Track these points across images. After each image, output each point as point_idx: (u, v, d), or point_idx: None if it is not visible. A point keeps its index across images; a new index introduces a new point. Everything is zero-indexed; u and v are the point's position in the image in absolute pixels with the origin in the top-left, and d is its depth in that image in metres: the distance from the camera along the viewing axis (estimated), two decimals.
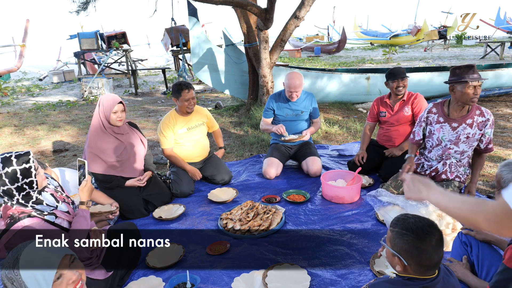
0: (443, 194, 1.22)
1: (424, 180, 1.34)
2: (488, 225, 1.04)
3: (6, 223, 1.80)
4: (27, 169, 1.83)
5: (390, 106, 3.53)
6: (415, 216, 1.40)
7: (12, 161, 1.80)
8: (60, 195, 2.09)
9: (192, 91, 3.39)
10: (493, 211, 1.01)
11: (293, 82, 3.50)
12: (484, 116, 2.69)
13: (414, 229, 1.35)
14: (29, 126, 6.63)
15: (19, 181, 1.81)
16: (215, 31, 47.07)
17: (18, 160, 1.81)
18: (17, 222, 1.79)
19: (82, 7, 6.83)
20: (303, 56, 18.97)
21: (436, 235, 1.35)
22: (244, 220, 2.77)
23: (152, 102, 8.70)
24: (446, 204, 1.18)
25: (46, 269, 1.31)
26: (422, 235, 1.33)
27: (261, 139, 5.00)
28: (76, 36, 11.05)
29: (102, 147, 2.93)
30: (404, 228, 1.36)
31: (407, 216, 1.41)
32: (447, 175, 2.81)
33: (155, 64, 16.78)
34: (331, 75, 6.72)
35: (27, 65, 20.21)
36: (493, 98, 6.88)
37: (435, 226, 1.37)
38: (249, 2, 5.19)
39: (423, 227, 1.35)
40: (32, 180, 1.85)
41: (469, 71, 2.58)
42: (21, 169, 1.81)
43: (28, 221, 1.81)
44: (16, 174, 1.80)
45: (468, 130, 2.69)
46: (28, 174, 1.83)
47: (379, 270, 2.17)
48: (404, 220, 1.40)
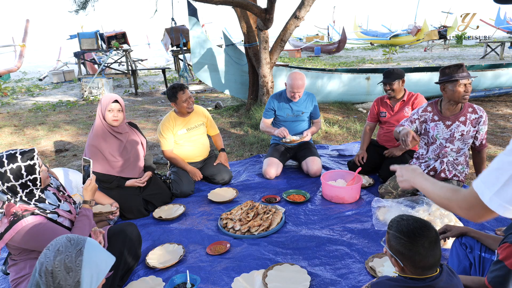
0: (426, 180, 1.36)
1: (411, 166, 1.48)
2: (461, 211, 1.15)
3: (9, 220, 1.79)
4: (32, 166, 1.83)
5: (390, 106, 3.53)
6: (410, 218, 1.39)
7: (17, 158, 1.81)
8: (62, 194, 2.10)
9: (187, 91, 3.40)
10: (465, 199, 1.13)
11: (295, 82, 3.50)
12: (477, 113, 2.74)
13: (405, 232, 1.35)
14: (29, 126, 6.63)
15: (24, 178, 1.82)
16: (215, 31, 47.11)
17: (23, 156, 1.82)
18: (20, 219, 1.79)
19: (81, 6, 6.83)
20: (303, 56, 18.97)
21: (429, 236, 1.33)
22: (244, 220, 2.77)
23: (152, 102, 8.69)
24: (428, 189, 1.32)
25: (101, 269, 1.26)
26: (413, 237, 1.33)
27: (261, 139, 5.00)
28: (76, 36, 11.04)
29: (102, 147, 2.94)
30: (397, 231, 1.37)
31: (402, 218, 1.41)
32: (446, 173, 2.82)
33: (155, 64, 16.78)
34: (331, 75, 6.72)
35: (27, 65, 20.22)
36: (493, 98, 6.88)
37: (428, 228, 1.35)
38: (249, 2, 5.19)
39: (415, 229, 1.34)
40: (36, 177, 1.85)
41: (458, 70, 2.63)
42: (26, 166, 1.82)
43: (31, 218, 1.81)
44: (20, 171, 1.80)
45: (462, 128, 2.74)
46: (33, 171, 1.84)
47: (371, 266, 2.18)
48: (398, 222, 1.40)
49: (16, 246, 1.82)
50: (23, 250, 1.88)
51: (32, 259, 1.92)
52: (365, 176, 3.54)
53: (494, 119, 5.59)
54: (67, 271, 1.18)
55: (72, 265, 1.19)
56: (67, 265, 1.18)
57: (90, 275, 1.21)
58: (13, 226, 1.77)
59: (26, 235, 1.78)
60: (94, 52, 12.83)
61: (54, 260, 1.18)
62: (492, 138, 4.69)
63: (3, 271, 2.41)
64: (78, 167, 4.33)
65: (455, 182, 2.82)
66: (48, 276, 1.15)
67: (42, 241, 1.80)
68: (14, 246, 1.83)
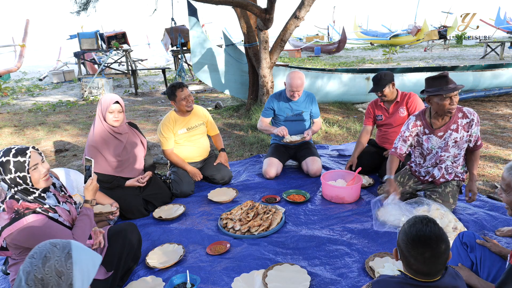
0: None
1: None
2: None
3: (10, 217, 1.80)
4: (21, 163, 1.82)
5: (385, 109, 3.53)
6: (430, 224, 1.33)
7: (10, 153, 1.82)
8: (63, 194, 2.10)
9: (186, 89, 3.40)
10: None
11: (295, 82, 3.50)
12: (467, 118, 2.64)
13: (414, 234, 1.32)
14: (29, 126, 6.63)
15: (12, 173, 1.81)
16: (215, 31, 47.03)
17: (16, 152, 1.83)
18: (21, 218, 1.79)
19: (83, 7, 6.83)
20: (303, 56, 18.97)
21: (434, 249, 1.29)
22: (244, 220, 2.77)
23: (152, 102, 8.69)
24: None
25: (90, 268, 1.26)
26: (417, 243, 1.31)
27: (261, 139, 5.00)
28: (76, 36, 11.04)
29: (102, 147, 2.93)
30: (408, 229, 1.35)
31: (423, 219, 1.36)
32: (445, 177, 2.81)
33: (155, 64, 16.77)
34: (331, 75, 6.72)
35: (27, 65, 20.21)
36: (493, 98, 6.88)
37: (439, 241, 1.29)
38: (249, 2, 5.19)
39: (425, 237, 1.30)
40: (25, 176, 1.83)
41: (443, 81, 2.50)
42: (15, 161, 1.81)
43: (32, 217, 1.81)
44: (9, 165, 1.80)
45: (455, 135, 2.65)
46: (21, 168, 1.82)
47: (371, 266, 2.18)
48: (416, 221, 1.36)
49: (16, 245, 1.82)
50: (24, 250, 1.88)
51: None
52: (365, 176, 3.54)
53: (494, 119, 5.59)
54: (58, 275, 1.17)
55: (63, 269, 1.19)
56: (58, 270, 1.18)
57: (81, 276, 1.21)
58: (14, 223, 1.77)
59: (27, 234, 1.78)
60: (94, 52, 12.83)
61: (44, 267, 1.17)
62: (492, 138, 4.69)
63: (3, 271, 2.41)
64: (78, 167, 4.33)
65: (455, 182, 2.82)
66: (38, 284, 1.14)
67: (43, 240, 1.80)
68: (14, 245, 1.83)
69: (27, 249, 1.87)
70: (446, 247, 1.31)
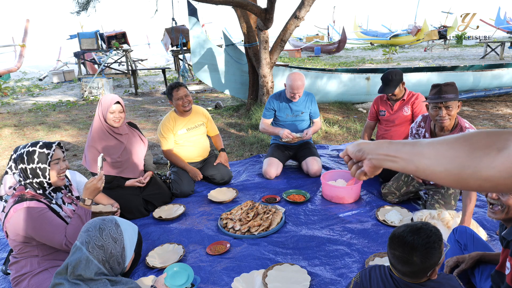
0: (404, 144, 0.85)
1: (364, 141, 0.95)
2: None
3: (14, 200, 1.87)
4: (45, 155, 1.93)
5: (390, 105, 3.53)
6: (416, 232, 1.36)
7: (38, 144, 1.95)
8: (70, 195, 2.13)
9: (183, 89, 3.40)
10: None
11: (295, 83, 3.50)
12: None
13: (394, 233, 1.41)
14: (29, 126, 6.63)
15: (34, 163, 1.90)
16: (215, 31, 47.03)
17: (43, 145, 1.95)
18: (23, 201, 1.85)
19: (83, 7, 6.84)
20: (303, 56, 18.96)
21: (404, 254, 1.35)
22: (244, 220, 2.77)
23: (152, 102, 8.69)
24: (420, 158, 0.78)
25: (132, 234, 1.56)
26: (391, 240, 1.42)
27: (261, 139, 5.00)
28: (76, 36, 11.04)
29: (101, 147, 2.94)
30: (401, 227, 1.42)
31: (413, 226, 1.40)
32: None
33: (155, 64, 16.77)
34: (331, 75, 6.72)
35: (27, 65, 20.22)
36: (493, 98, 6.88)
37: (412, 251, 1.33)
38: (249, 2, 5.19)
39: (400, 240, 1.37)
40: (45, 168, 1.92)
41: (438, 90, 2.46)
42: (40, 152, 1.92)
43: (34, 203, 1.87)
44: (34, 155, 1.91)
45: None
46: (44, 160, 1.92)
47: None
48: (406, 226, 1.42)
49: (15, 233, 1.83)
50: (23, 246, 1.89)
51: (33, 257, 1.93)
52: None
53: (494, 119, 5.59)
54: (114, 241, 1.45)
55: (117, 235, 1.47)
56: (113, 236, 1.46)
57: (129, 240, 1.51)
58: (15, 205, 1.83)
59: (24, 218, 1.81)
60: (94, 52, 12.82)
61: (102, 236, 1.43)
62: None
63: (3, 271, 2.41)
64: (78, 167, 4.33)
65: None
66: (99, 250, 1.41)
67: (38, 230, 1.83)
68: (13, 232, 1.84)
69: (26, 244, 1.88)
70: (423, 261, 1.33)
